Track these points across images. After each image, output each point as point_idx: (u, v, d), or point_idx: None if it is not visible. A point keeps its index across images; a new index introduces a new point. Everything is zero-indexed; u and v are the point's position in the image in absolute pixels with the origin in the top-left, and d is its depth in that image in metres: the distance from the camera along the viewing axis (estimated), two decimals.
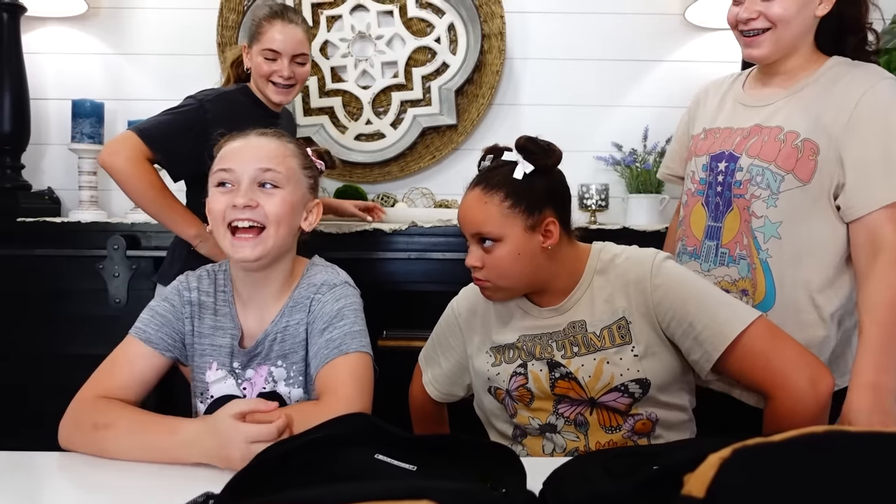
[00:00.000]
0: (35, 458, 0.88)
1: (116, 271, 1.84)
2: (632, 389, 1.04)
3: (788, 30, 1.11)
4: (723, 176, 1.19)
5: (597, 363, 1.05)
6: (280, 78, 1.60)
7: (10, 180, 2.05)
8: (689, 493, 0.44)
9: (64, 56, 2.27)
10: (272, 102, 1.64)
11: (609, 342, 1.06)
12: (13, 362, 1.87)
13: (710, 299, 1.03)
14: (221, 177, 0.98)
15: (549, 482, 0.63)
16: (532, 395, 1.09)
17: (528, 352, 1.10)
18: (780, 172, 1.12)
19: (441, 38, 2.24)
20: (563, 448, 1.09)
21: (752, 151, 1.15)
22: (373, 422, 0.80)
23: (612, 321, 1.06)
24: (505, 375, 1.11)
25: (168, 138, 1.47)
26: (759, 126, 1.17)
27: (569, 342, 1.08)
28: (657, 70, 2.27)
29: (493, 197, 1.05)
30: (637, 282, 1.06)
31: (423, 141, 2.27)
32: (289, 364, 1.02)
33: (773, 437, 0.47)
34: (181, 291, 1.05)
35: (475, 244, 1.08)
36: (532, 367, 1.09)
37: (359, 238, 1.80)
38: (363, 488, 0.54)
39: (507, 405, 1.13)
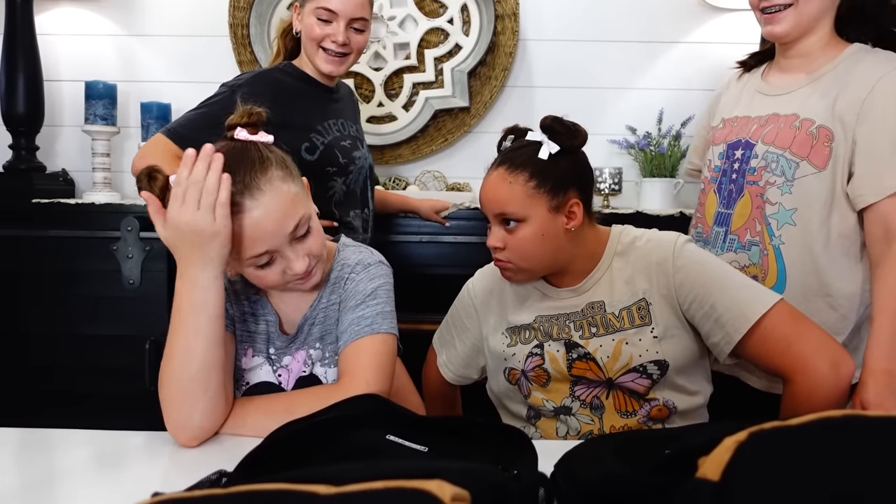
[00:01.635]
0: (52, 435, 0.89)
1: (130, 252, 1.85)
2: (650, 370, 1.03)
3: (809, 5, 1.12)
4: (738, 163, 1.20)
5: (615, 344, 1.04)
6: (333, 44, 1.40)
7: (25, 162, 2.06)
8: (704, 476, 0.43)
9: (77, 37, 2.27)
10: (323, 75, 1.46)
11: (629, 323, 1.05)
12: (28, 342, 1.90)
13: (732, 281, 1.03)
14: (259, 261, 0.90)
15: (560, 464, 0.63)
16: (548, 376, 1.09)
17: (545, 332, 1.10)
18: (794, 159, 1.12)
19: (454, 20, 2.21)
20: (578, 431, 1.09)
21: (767, 139, 1.16)
22: (384, 402, 0.80)
23: (632, 302, 1.06)
24: (521, 356, 1.11)
25: (199, 134, 1.31)
26: (777, 114, 1.17)
27: (587, 323, 1.08)
28: (673, 52, 2.24)
29: (517, 177, 1.04)
30: (659, 263, 1.05)
31: (435, 123, 2.25)
32: (325, 345, 1.01)
33: (790, 421, 0.46)
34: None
35: (497, 224, 1.07)
36: (549, 348, 1.09)
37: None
38: (375, 468, 0.54)
39: (521, 386, 1.13)
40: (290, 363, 1.02)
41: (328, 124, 1.46)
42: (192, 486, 0.61)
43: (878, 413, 0.47)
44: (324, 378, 1.01)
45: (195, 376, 0.85)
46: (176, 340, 0.87)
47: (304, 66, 1.48)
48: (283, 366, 1.02)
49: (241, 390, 1.01)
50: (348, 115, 1.55)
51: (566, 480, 0.60)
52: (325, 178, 1.43)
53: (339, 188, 1.46)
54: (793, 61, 1.20)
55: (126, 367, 1.83)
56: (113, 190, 2.13)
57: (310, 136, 1.42)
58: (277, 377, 1.02)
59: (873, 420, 0.46)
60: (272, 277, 0.92)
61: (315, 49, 1.42)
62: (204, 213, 0.83)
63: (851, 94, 1.10)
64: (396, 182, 2.18)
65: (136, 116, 2.21)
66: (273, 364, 1.01)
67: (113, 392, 1.81)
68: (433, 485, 0.41)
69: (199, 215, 0.83)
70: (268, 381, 1.01)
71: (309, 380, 1.01)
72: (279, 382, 1.01)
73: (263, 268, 0.91)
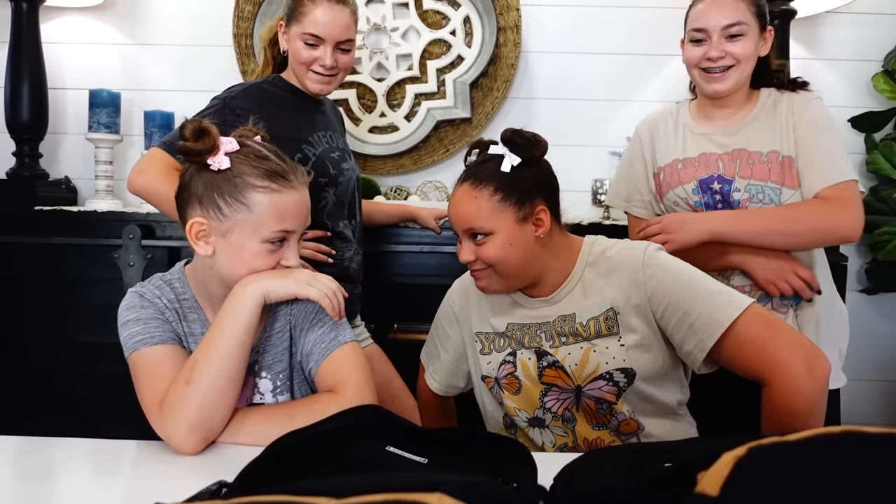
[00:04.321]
0: (51, 443, 0.89)
1: (132, 260, 1.85)
2: (616, 378, 1.04)
3: (747, 67, 1.34)
4: (720, 195, 1.36)
5: (583, 352, 1.06)
6: (321, 67, 1.42)
7: (28, 169, 2.07)
8: (703, 492, 0.44)
9: (81, 46, 2.29)
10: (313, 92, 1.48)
11: (594, 332, 1.07)
12: (29, 349, 1.90)
13: (705, 288, 1.03)
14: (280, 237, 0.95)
15: (560, 477, 0.63)
16: (520, 384, 1.11)
17: (518, 341, 1.12)
18: (776, 187, 1.32)
19: (456, 31, 2.23)
20: (553, 443, 1.10)
21: (743, 173, 1.34)
22: (383, 413, 0.80)
23: (600, 312, 1.07)
24: (495, 363, 1.14)
25: None
26: (739, 151, 1.36)
27: (556, 332, 1.09)
28: (673, 64, 2.25)
29: (482, 191, 1.06)
30: (630, 273, 1.06)
31: (437, 134, 2.26)
32: (274, 374, 1.01)
33: (789, 437, 0.46)
34: (150, 299, 0.99)
35: (467, 239, 1.09)
36: (521, 356, 1.11)
37: (370, 231, 1.79)
38: (374, 480, 0.54)
39: (494, 393, 1.15)
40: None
41: (318, 136, 1.47)
42: (193, 497, 0.61)
43: (877, 430, 0.47)
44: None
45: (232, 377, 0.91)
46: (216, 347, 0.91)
47: (291, 79, 1.48)
48: None
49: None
50: (334, 128, 1.56)
51: (565, 494, 0.60)
52: (317, 189, 1.44)
53: (331, 199, 1.47)
54: (721, 111, 1.40)
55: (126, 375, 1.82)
56: (115, 198, 2.14)
57: (301, 148, 1.42)
58: None
59: (871, 436, 0.47)
60: (268, 262, 0.95)
61: (303, 71, 1.43)
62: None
63: (789, 127, 1.34)
64: (398, 192, 2.19)
65: (139, 125, 2.22)
66: None
67: (113, 399, 1.81)
68: (433, 498, 0.42)
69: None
70: None
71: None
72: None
73: (273, 246, 0.95)
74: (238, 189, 0.93)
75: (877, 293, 2.25)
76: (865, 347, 2.30)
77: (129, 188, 1.32)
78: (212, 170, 0.94)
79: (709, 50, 1.33)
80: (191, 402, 0.87)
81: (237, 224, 0.93)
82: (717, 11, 1.32)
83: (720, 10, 1.32)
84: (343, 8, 1.41)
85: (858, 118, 2.22)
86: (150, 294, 1.01)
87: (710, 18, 1.32)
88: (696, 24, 1.35)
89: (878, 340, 2.31)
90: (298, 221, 0.97)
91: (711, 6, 1.33)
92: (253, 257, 0.95)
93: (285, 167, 0.96)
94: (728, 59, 1.32)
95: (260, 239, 0.94)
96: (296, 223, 0.97)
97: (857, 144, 2.25)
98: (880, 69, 2.21)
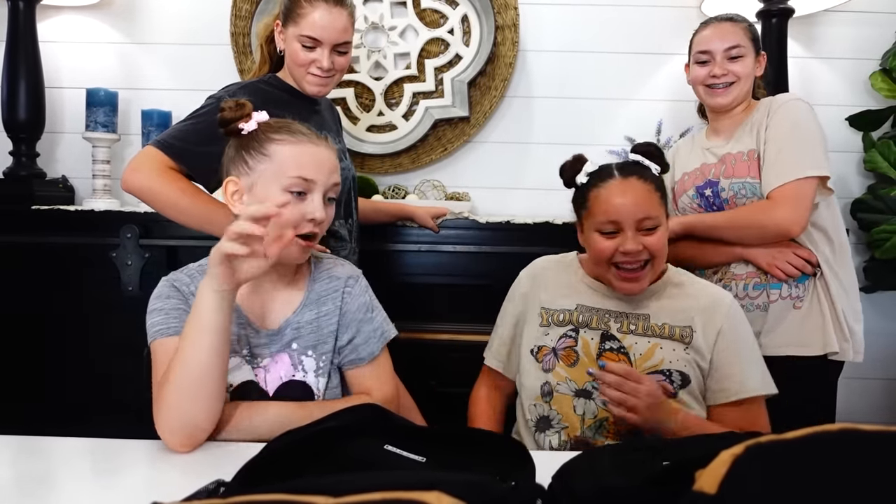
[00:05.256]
0: (50, 443, 0.89)
1: (129, 259, 1.85)
2: (674, 378, 1.14)
3: (747, 83, 1.53)
4: (712, 198, 1.55)
5: (650, 345, 1.16)
6: (319, 69, 1.41)
7: (25, 168, 2.06)
8: (701, 489, 0.44)
9: (79, 45, 2.28)
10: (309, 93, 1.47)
11: (667, 334, 1.17)
12: (26, 350, 1.89)
13: (755, 354, 1.19)
14: (299, 185, 0.99)
15: (558, 476, 0.63)
16: (577, 357, 1.19)
17: (584, 321, 1.21)
18: (755, 182, 1.47)
19: (454, 30, 2.22)
20: (594, 415, 1.15)
21: (726, 174, 1.52)
22: (382, 412, 0.80)
23: (680, 324, 1.17)
24: (554, 336, 1.22)
25: (190, 144, 1.31)
26: (728, 155, 1.53)
27: (628, 322, 1.19)
28: (672, 63, 2.25)
29: (650, 186, 1.17)
30: (714, 306, 1.18)
31: (435, 133, 2.26)
32: (318, 355, 1.04)
33: (786, 435, 0.47)
34: (179, 287, 1.04)
35: (634, 230, 1.14)
36: (583, 334, 1.20)
37: (367, 230, 1.79)
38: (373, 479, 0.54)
39: (546, 361, 1.21)
40: (269, 364, 1.03)
41: None
42: (191, 496, 0.61)
43: (873, 427, 0.47)
44: (316, 388, 1.03)
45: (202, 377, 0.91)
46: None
47: (287, 78, 1.48)
48: (261, 366, 1.03)
49: (228, 392, 1.02)
50: (329, 127, 1.54)
51: (564, 492, 0.60)
52: None
53: None
54: (724, 123, 1.58)
55: (124, 375, 1.82)
56: (113, 197, 2.13)
57: None
58: (255, 376, 1.03)
59: (868, 434, 0.47)
60: (292, 214, 0.98)
61: (301, 72, 1.43)
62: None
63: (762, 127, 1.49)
64: (396, 191, 2.19)
65: (136, 124, 2.21)
66: (252, 364, 1.03)
67: (111, 399, 1.81)
68: (431, 496, 0.42)
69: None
70: (250, 380, 1.02)
71: (299, 386, 1.03)
72: (257, 381, 1.02)
73: (294, 197, 0.99)
74: (260, 142, 1.01)
75: (874, 291, 2.26)
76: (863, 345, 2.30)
77: (123, 187, 1.30)
78: (242, 134, 1.02)
79: (713, 69, 1.52)
80: (167, 402, 0.89)
81: (261, 176, 1.00)
82: (720, 36, 1.52)
83: (723, 35, 1.52)
84: (341, 10, 1.40)
85: (856, 117, 2.22)
86: (179, 282, 1.05)
87: (713, 42, 1.53)
88: (701, 48, 1.55)
89: (875, 338, 2.31)
90: (320, 173, 1.00)
91: (714, 32, 1.54)
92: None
93: (302, 126, 1.03)
94: (730, 77, 1.51)
95: (281, 187, 0.99)
96: (316, 173, 0.99)
97: (855, 143, 2.25)
98: (878, 68, 2.22)
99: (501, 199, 2.28)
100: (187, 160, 1.31)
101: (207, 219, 1.29)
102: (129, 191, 1.30)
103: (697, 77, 1.56)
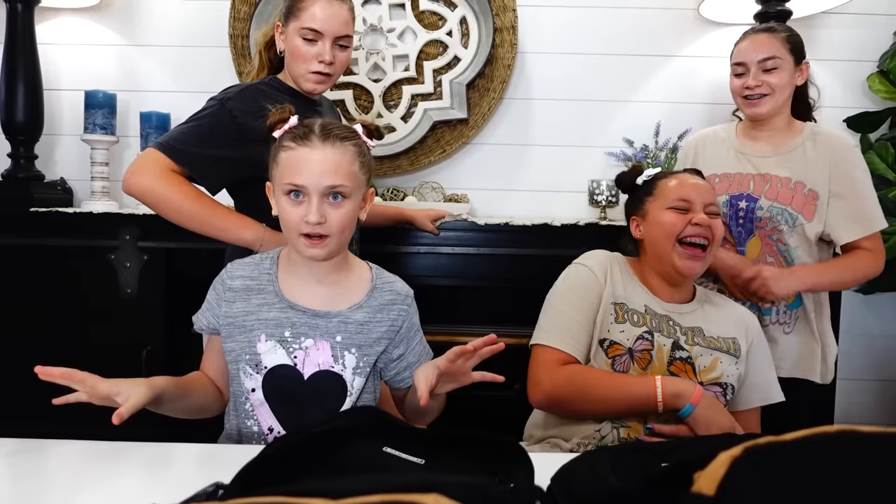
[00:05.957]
0: (46, 445, 0.89)
1: (127, 261, 1.85)
2: (727, 392, 1.23)
3: (782, 94, 1.54)
4: (744, 212, 1.57)
5: (713, 359, 1.24)
6: (320, 64, 1.39)
7: (24, 170, 2.06)
8: (700, 491, 0.44)
9: (77, 47, 2.28)
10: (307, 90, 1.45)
11: (725, 348, 1.26)
12: (25, 352, 1.89)
13: (773, 366, 1.33)
14: (292, 190, 1.03)
15: (557, 478, 0.63)
16: (650, 361, 1.22)
17: (656, 326, 1.25)
18: (795, 214, 1.53)
19: (453, 32, 2.23)
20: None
21: (769, 195, 1.55)
22: (380, 414, 0.80)
23: (728, 337, 1.27)
24: (630, 335, 1.23)
25: (192, 147, 1.30)
26: (769, 175, 1.56)
27: (691, 335, 1.26)
28: (670, 65, 2.25)
29: (710, 185, 1.35)
30: (750, 322, 1.32)
31: (434, 135, 2.26)
32: (361, 355, 1.08)
33: (784, 436, 0.47)
34: (224, 280, 1.12)
35: (703, 213, 1.26)
36: (658, 339, 1.23)
37: (367, 232, 1.79)
38: (371, 481, 0.54)
39: (620, 360, 1.22)
40: (311, 349, 1.07)
41: None
42: (189, 499, 0.61)
43: (871, 429, 0.47)
44: (350, 385, 1.08)
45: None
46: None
47: (287, 80, 1.47)
48: (302, 347, 1.06)
49: (261, 374, 1.06)
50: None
51: (562, 494, 0.60)
52: None
53: None
54: (763, 133, 1.60)
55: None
56: (111, 199, 2.13)
57: None
58: (293, 358, 1.06)
59: (867, 435, 0.47)
60: (292, 216, 1.03)
61: (300, 69, 1.41)
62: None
63: (822, 169, 1.53)
64: (395, 193, 2.19)
65: (135, 126, 2.21)
66: (288, 347, 1.06)
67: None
68: (430, 499, 0.42)
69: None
70: (284, 363, 1.06)
71: (331, 377, 1.07)
72: (294, 363, 1.06)
73: (291, 199, 1.03)
74: (276, 149, 1.06)
75: (872, 293, 2.26)
76: (861, 347, 2.30)
77: (125, 189, 1.30)
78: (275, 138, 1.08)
79: (747, 80, 1.54)
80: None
81: (274, 180, 1.07)
82: (754, 48, 1.54)
83: (757, 47, 1.54)
84: (341, 4, 1.41)
85: (854, 119, 2.23)
86: (231, 274, 1.12)
87: (748, 54, 1.55)
88: (737, 59, 1.58)
89: (873, 340, 2.32)
90: (310, 178, 1.01)
91: (750, 43, 1.56)
92: (283, 211, 1.05)
93: (312, 127, 1.05)
94: (764, 88, 1.53)
95: (282, 192, 1.04)
96: (307, 179, 1.01)
97: None
98: (875, 70, 2.22)
99: (500, 200, 2.29)
100: (189, 163, 1.31)
101: (209, 222, 1.30)
102: (131, 193, 1.30)
103: (735, 88, 1.59)
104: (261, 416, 1.07)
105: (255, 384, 1.06)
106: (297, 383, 1.06)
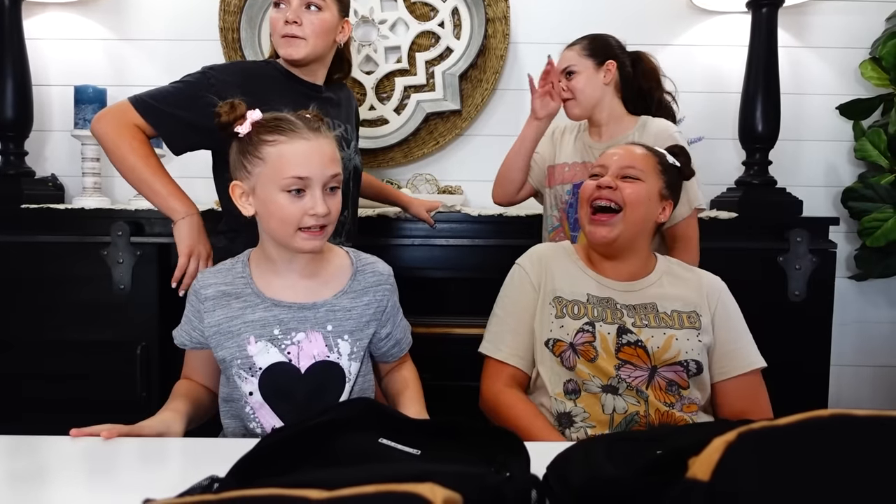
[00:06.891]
0: (41, 442, 0.88)
1: (120, 257, 1.84)
2: (690, 368, 1.17)
3: (586, 96, 1.64)
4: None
5: (666, 337, 1.18)
6: (286, 25, 1.37)
7: (14, 167, 2.05)
8: (695, 477, 0.44)
9: (66, 42, 2.26)
10: (305, 70, 1.45)
11: (678, 324, 1.20)
12: (17, 349, 1.88)
13: (747, 331, 1.26)
14: (294, 184, 1.00)
15: (553, 466, 0.63)
16: (596, 353, 1.17)
17: (598, 313, 1.21)
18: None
19: (445, 23, 2.22)
20: (625, 410, 1.15)
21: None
22: (375, 405, 0.80)
23: (685, 310, 1.22)
24: (570, 329, 1.20)
25: (161, 104, 1.34)
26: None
27: (639, 315, 1.20)
28: (663, 54, 2.23)
29: (651, 155, 1.31)
30: (711, 288, 1.26)
31: (427, 126, 2.26)
32: (353, 340, 1.08)
33: (778, 421, 0.47)
34: (198, 291, 1.10)
35: (616, 176, 1.25)
36: (600, 328, 1.19)
37: (361, 223, 1.79)
38: (367, 472, 0.54)
39: (565, 357, 1.18)
40: (303, 342, 1.06)
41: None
42: (184, 493, 0.61)
43: (865, 412, 0.47)
44: (348, 371, 1.07)
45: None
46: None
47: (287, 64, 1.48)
48: (294, 342, 1.05)
49: (255, 377, 1.05)
50: (335, 115, 1.52)
51: (558, 482, 0.60)
52: None
53: None
54: (597, 127, 1.69)
55: (117, 373, 1.82)
56: (103, 195, 2.12)
57: None
58: (287, 354, 1.05)
59: (860, 419, 0.47)
60: (293, 211, 1.00)
61: (274, 38, 1.43)
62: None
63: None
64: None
65: None
66: (279, 344, 1.05)
67: (103, 398, 1.80)
68: (425, 488, 0.42)
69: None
70: (278, 361, 1.05)
71: (328, 367, 1.06)
72: (289, 359, 1.05)
73: (293, 195, 1.00)
74: (255, 146, 1.02)
75: (865, 279, 2.27)
76: (854, 333, 2.32)
77: (91, 130, 1.37)
78: (239, 137, 1.04)
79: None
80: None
81: (259, 179, 1.02)
82: (559, 62, 1.67)
83: (560, 61, 1.67)
84: None
85: (846, 105, 2.23)
86: (204, 283, 1.10)
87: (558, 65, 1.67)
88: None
89: (866, 326, 2.33)
90: (313, 168, 1.00)
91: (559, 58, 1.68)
92: (279, 209, 1.01)
93: (294, 120, 1.03)
94: (567, 93, 1.65)
95: (279, 188, 1.00)
96: (309, 170, 1.00)
97: (845, 132, 2.26)
98: (867, 56, 2.22)
99: None
100: (154, 118, 1.34)
101: (146, 181, 1.33)
102: (93, 134, 1.36)
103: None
104: (262, 418, 1.05)
105: (252, 387, 1.04)
106: (294, 378, 1.05)
